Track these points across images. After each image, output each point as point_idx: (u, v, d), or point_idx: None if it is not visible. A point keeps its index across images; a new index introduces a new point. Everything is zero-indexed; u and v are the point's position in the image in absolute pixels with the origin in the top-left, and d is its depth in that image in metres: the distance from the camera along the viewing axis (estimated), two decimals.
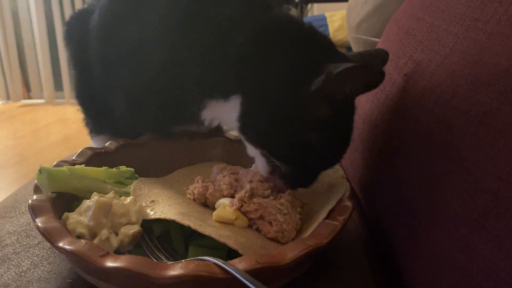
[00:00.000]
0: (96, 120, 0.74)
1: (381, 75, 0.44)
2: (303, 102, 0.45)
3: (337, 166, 0.55)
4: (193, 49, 0.53)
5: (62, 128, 2.84)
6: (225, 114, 0.53)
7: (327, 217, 0.44)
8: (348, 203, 0.46)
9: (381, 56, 0.53)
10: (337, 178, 0.53)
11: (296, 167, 0.48)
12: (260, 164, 0.50)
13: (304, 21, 0.52)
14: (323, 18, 1.93)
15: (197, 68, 0.53)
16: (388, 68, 0.57)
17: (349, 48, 1.64)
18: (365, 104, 0.61)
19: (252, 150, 0.51)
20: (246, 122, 0.50)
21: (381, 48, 0.54)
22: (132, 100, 0.62)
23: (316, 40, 0.50)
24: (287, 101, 0.46)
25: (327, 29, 1.89)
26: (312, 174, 0.50)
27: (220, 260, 0.35)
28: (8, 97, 3.59)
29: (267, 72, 0.48)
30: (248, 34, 0.50)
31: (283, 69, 0.47)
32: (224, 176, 0.50)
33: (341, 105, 0.46)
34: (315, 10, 2.62)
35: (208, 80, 0.53)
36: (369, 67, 0.46)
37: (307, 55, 0.47)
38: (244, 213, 0.46)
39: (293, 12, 2.35)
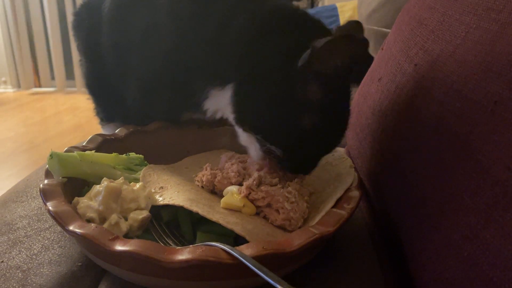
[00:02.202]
0: (107, 109, 0.74)
1: (365, 42, 0.44)
2: (293, 81, 0.45)
3: (345, 156, 0.55)
4: (197, 35, 0.53)
5: (72, 116, 2.86)
6: (225, 104, 0.52)
7: (334, 206, 0.44)
8: (356, 193, 0.46)
9: (358, 27, 0.52)
10: (345, 168, 0.53)
11: (291, 151, 0.48)
12: (252, 151, 0.51)
13: (300, 9, 0.52)
14: (334, 9, 1.91)
15: (201, 55, 0.53)
16: (398, 58, 0.57)
17: None
18: (375, 94, 0.61)
19: (244, 138, 0.51)
20: (240, 109, 0.50)
21: (352, 20, 0.53)
22: (144, 87, 0.62)
23: (308, 24, 0.50)
24: (278, 82, 0.46)
25: (337, 19, 1.87)
26: (310, 159, 0.50)
27: (228, 246, 0.35)
28: (19, 85, 3.63)
29: (259, 55, 0.48)
30: (245, 21, 0.50)
31: (274, 51, 0.47)
32: (232, 164, 0.51)
33: (334, 86, 0.46)
34: (325, 0, 2.59)
35: (210, 67, 0.53)
36: (351, 36, 0.45)
37: (297, 37, 0.47)
38: (252, 201, 0.46)
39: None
